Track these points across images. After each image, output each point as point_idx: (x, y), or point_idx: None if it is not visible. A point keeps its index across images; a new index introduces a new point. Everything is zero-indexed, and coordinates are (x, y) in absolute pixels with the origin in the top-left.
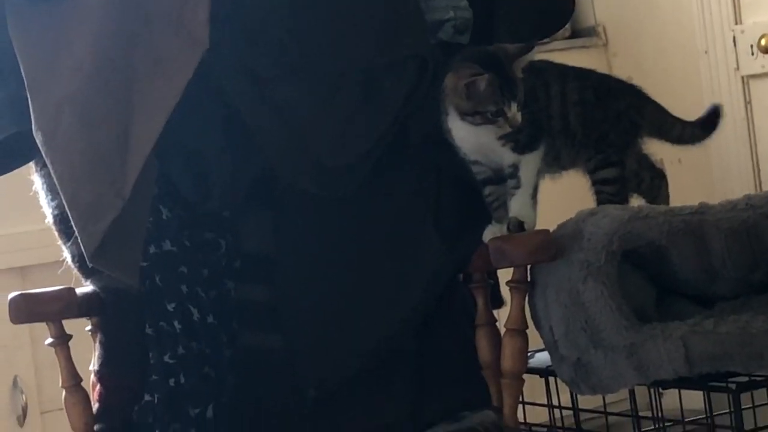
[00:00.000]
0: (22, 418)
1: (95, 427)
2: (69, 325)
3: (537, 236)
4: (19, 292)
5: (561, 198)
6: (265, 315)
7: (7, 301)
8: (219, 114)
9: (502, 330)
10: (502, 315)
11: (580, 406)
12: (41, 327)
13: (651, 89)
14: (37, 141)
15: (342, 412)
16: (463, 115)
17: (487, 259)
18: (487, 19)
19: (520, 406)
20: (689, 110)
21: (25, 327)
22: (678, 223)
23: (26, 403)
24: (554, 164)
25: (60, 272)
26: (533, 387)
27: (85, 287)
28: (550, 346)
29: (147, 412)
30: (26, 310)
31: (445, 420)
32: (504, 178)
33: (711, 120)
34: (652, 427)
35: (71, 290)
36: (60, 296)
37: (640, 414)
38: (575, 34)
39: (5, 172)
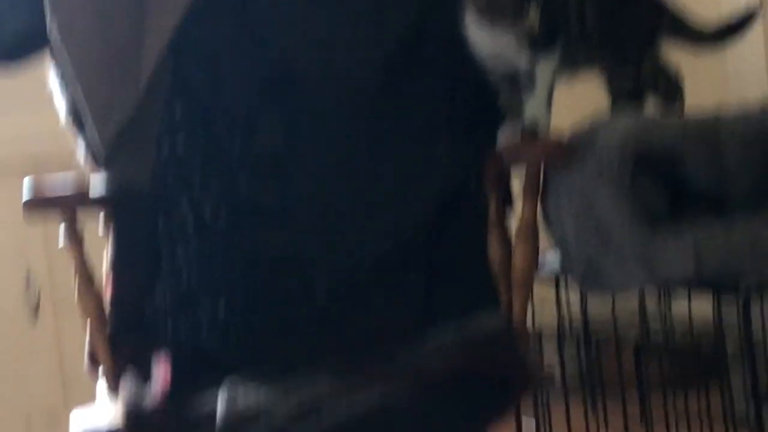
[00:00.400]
0: (36, 312)
1: (107, 325)
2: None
3: (551, 140)
4: (32, 178)
5: (576, 103)
6: (275, 215)
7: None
8: (233, 10)
9: (514, 233)
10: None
11: (589, 312)
12: (54, 227)
13: None
14: (53, 36)
15: (351, 313)
16: (482, 16)
17: (500, 163)
18: None
19: (530, 311)
20: (706, 14)
21: (37, 224)
22: (692, 129)
23: (39, 296)
24: (570, 67)
25: (74, 167)
26: (543, 291)
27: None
28: (562, 250)
29: (158, 310)
30: (39, 194)
31: (455, 321)
32: (519, 81)
33: (740, 24)
34: (661, 335)
35: (85, 179)
36: (74, 182)
37: (649, 321)
38: None
39: (21, 63)
